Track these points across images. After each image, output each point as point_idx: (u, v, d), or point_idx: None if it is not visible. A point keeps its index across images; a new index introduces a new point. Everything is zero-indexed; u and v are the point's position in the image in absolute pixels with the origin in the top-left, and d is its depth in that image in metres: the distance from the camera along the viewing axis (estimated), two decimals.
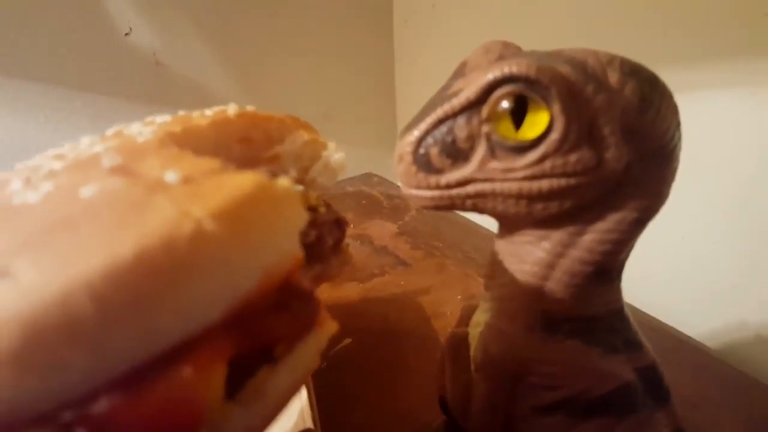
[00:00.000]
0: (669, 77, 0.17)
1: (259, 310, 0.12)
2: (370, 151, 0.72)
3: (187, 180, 0.12)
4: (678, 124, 0.16)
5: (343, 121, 0.70)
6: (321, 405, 0.27)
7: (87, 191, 0.11)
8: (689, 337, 0.36)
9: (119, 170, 0.12)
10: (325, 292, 0.42)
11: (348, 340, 0.36)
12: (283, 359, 0.13)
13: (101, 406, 0.09)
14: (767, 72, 0.32)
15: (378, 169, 0.70)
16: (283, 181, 0.12)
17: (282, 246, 0.12)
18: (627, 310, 0.19)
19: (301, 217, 0.13)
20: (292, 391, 0.14)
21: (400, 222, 0.55)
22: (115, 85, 0.54)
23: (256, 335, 0.12)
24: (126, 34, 0.52)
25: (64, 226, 0.10)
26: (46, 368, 0.09)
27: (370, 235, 0.53)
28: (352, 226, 0.55)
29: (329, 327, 0.14)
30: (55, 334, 0.09)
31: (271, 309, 0.12)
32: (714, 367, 0.33)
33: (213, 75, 0.59)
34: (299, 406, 0.26)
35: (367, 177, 0.69)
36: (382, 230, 0.54)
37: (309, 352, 0.13)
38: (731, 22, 0.33)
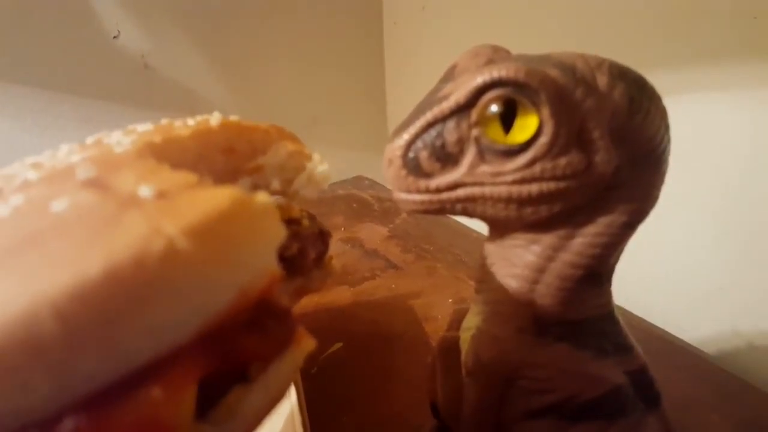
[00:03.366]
0: (658, 80, 0.17)
1: (232, 329, 0.12)
2: (360, 154, 0.72)
3: (161, 195, 0.11)
4: (667, 127, 0.16)
5: (333, 123, 0.70)
6: (311, 409, 0.27)
7: (58, 205, 0.11)
8: (680, 339, 0.36)
9: (92, 183, 0.12)
10: (315, 296, 0.42)
11: (338, 345, 0.36)
12: (257, 378, 0.12)
13: (66, 427, 0.09)
14: (757, 74, 0.32)
15: (369, 172, 0.70)
16: (261, 196, 0.12)
17: (258, 263, 0.12)
18: (617, 314, 0.19)
19: (279, 234, 0.12)
20: (267, 410, 0.13)
21: (390, 225, 0.55)
22: (103, 88, 0.53)
23: (229, 355, 0.12)
24: (114, 36, 0.52)
25: (32, 242, 0.10)
26: (8, 390, 0.09)
27: (360, 238, 0.53)
28: (342, 229, 0.55)
29: (306, 344, 0.14)
30: (17, 354, 0.08)
31: (245, 328, 0.12)
32: (704, 370, 0.33)
33: (202, 78, 0.59)
34: (288, 410, 0.25)
35: (358, 180, 0.69)
36: (372, 233, 0.54)
37: (285, 370, 0.13)
38: (720, 24, 0.33)
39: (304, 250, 0.22)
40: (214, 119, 0.20)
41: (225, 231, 0.11)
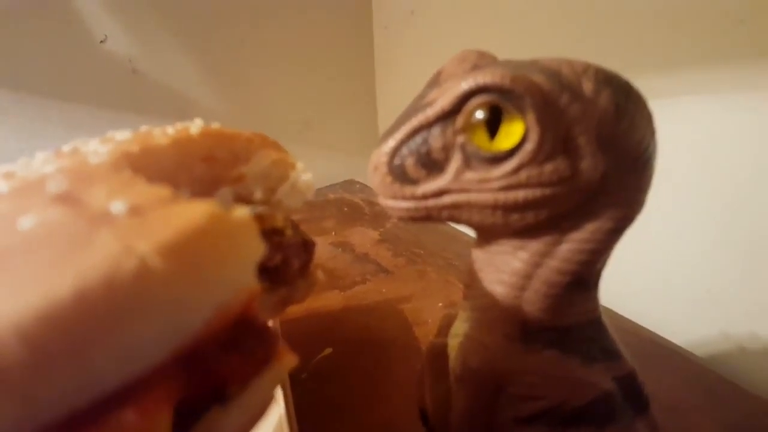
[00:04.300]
0: (645, 84, 0.17)
1: (210, 349, 0.11)
2: (351, 158, 0.72)
3: (134, 211, 0.11)
4: (653, 133, 0.16)
5: (324, 128, 0.70)
6: (300, 416, 0.27)
7: (26, 222, 0.10)
8: (670, 342, 0.37)
9: (63, 198, 0.11)
10: (306, 301, 0.42)
11: (328, 350, 0.36)
12: (236, 397, 0.12)
13: None
14: (745, 78, 0.32)
15: (360, 176, 0.70)
16: (239, 211, 0.12)
17: (236, 281, 0.11)
18: (605, 319, 0.19)
19: (257, 249, 0.12)
20: (247, 430, 0.13)
21: (381, 229, 0.55)
22: (90, 93, 0.53)
23: (206, 376, 0.11)
24: (101, 41, 0.52)
25: None
26: None
27: (351, 242, 0.52)
28: (333, 233, 0.54)
29: (287, 361, 0.13)
30: None
31: (223, 347, 0.12)
32: (695, 373, 0.33)
33: (191, 83, 0.58)
34: (277, 417, 0.25)
35: (349, 184, 0.69)
36: (363, 237, 0.54)
37: (265, 389, 0.13)
38: (707, 28, 0.34)
39: (287, 261, 0.22)
40: (195, 127, 0.20)
41: (200, 248, 0.10)
